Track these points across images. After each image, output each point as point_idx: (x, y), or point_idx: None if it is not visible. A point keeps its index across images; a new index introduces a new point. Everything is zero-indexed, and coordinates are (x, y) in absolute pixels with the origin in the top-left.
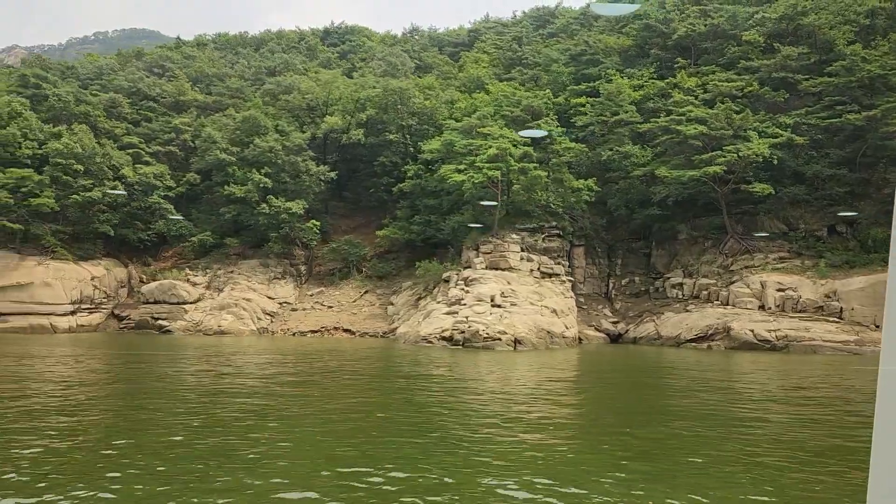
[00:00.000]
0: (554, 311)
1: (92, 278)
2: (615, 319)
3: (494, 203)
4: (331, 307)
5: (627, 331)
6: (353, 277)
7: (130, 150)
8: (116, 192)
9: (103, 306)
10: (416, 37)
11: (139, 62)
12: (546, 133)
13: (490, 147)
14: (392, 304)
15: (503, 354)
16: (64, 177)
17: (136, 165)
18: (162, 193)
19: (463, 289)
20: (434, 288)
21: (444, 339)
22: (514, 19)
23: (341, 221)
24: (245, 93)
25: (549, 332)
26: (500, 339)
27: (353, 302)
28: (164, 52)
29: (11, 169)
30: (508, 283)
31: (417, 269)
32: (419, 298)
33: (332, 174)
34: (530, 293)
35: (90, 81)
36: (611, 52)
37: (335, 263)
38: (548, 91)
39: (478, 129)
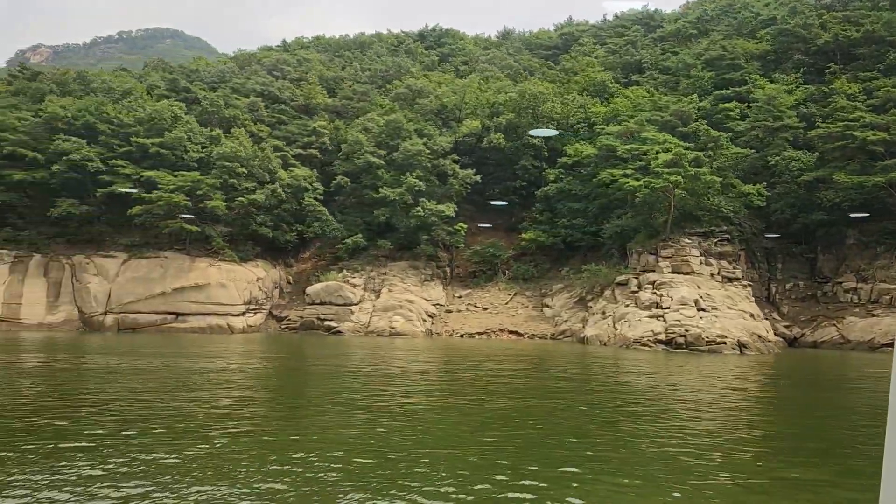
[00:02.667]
0: (751, 315)
1: (257, 279)
2: (787, 323)
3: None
4: (485, 309)
5: (803, 335)
6: (497, 279)
7: (278, 154)
8: (131, 189)
9: (264, 307)
10: (509, 40)
11: (258, 65)
12: (556, 133)
13: (661, 152)
14: (548, 305)
15: (738, 359)
16: (230, 180)
17: (290, 168)
18: (312, 196)
19: (654, 293)
20: (601, 291)
21: (659, 342)
22: (605, 22)
23: (469, 224)
24: (370, 96)
25: (759, 335)
26: (724, 343)
27: (506, 304)
28: (276, 54)
29: (182, 172)
30: (699, 287)
31: (584, 271)
32: (579, 300)
33: (477, 177)
34: (723, 297)
35: (215, 84)
36: (749, 56)
37: (478, 265)
38: (694, 96)
39: (638, 134)
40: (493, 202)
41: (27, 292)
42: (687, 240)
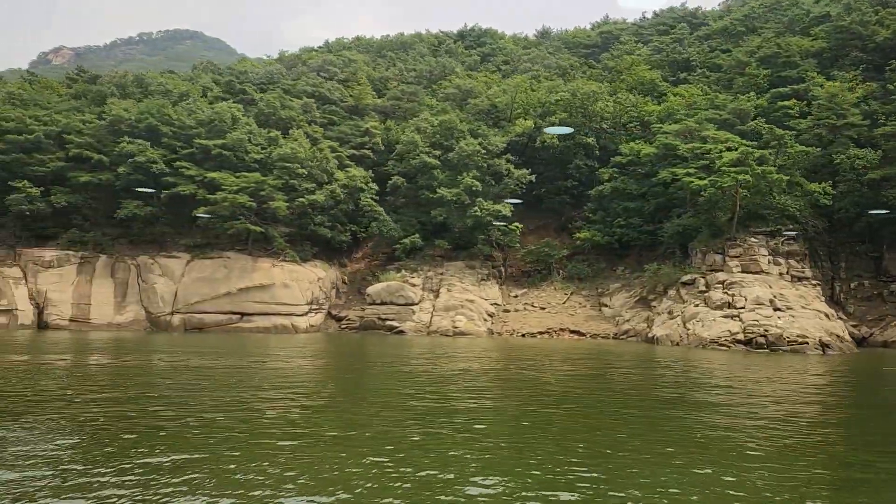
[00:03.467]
0: (825, 314)
1: (317, 279)
2: (854, 323)
3: None
4: (543, 308)
5: (872, 334)
6: (552, 279)
7: (333, 154)
8: (147, 189)
9: (323, 307)
10: (548, 39)
11: (304, 66)
12: (571, 130)
13: (725, 150)
14: (606, 305)
15: (826, 359)
16: (290, 181)
17: (345, 168)
18: (368, 196)
19: (725, 292)
20: (664, 290)
21: (738, 342)
22: (644, 20)
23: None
24: (419, 96)
25: (836, 335)
26: (806, 343)
27: (563, 304)
28: (321, 55)
29: (244, 173)
30: (770, 286)
31: (645, 271)
32: (640, 300)
33: (532, 177)
34: (796, 297)
35: (264, 86)
36: (805, 54)
37: (532, 265)
38: (751, 94)
39: (698, 133)
40: (508, 201)
41: (95, 293)
42: (753, 239)
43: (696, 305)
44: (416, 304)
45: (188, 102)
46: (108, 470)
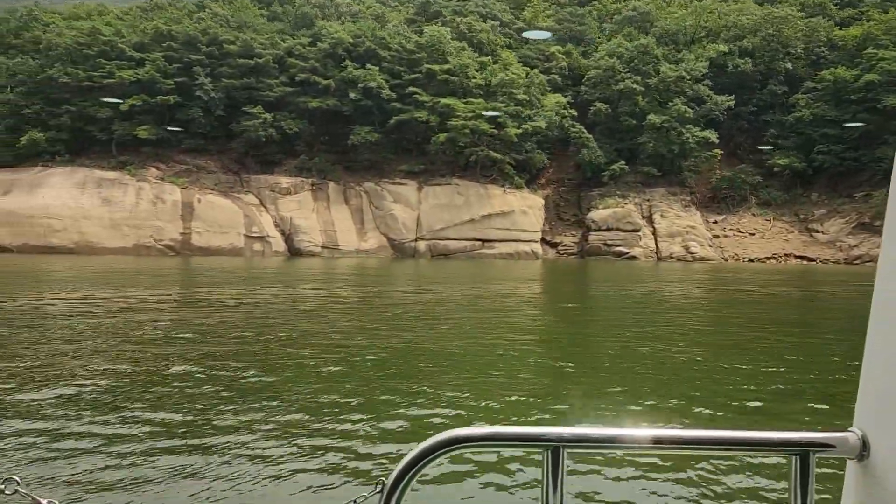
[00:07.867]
0: None
1: (541, 206)
2: None
3: None
4: (752, 234)
5: None
6: (748, 205)
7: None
8: (114, 100)
9: (540, 234)
10: None
11: None
12: (549, 35)
13: None
14: (818, 231)
15: None
16: (513, 107)
17: (552, 94)
18: (568, 122)
19: None
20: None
21: None
22: None
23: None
24: (586, 19)
25: None
26: None
27: (769, 230)
28: None
29: (471, 99)
30: None
31: (869, 196)
32: (858, 225)
33: (731, 102)
34: None
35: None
36: None
37: (727, 191)
38: None
39: None
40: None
41: (337, 219)
42: None
43: None
44: (640, 230)
45: (394, 25)
46: None
